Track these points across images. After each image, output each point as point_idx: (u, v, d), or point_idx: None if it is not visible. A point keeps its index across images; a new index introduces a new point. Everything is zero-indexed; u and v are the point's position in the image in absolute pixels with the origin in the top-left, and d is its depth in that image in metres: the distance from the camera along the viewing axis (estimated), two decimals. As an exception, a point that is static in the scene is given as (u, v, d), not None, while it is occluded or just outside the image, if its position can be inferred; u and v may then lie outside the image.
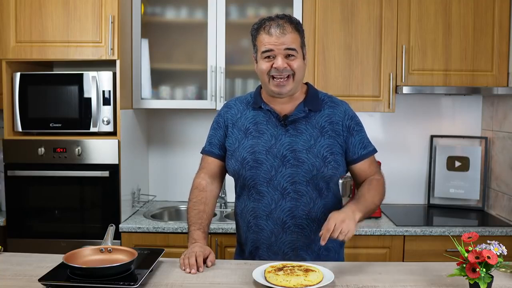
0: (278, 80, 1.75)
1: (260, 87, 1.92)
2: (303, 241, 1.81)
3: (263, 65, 1.76)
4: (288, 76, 1.76)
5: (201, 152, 1.96)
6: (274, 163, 1.79)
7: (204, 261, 1.68)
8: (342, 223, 1.59)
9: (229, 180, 2.00)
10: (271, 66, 1.75)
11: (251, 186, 1.82)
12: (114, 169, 2.72)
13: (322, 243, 1.58)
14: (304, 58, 1.80)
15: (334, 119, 1.84)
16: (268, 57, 1.75)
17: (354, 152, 1.84)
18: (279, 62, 1.73)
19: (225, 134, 1.89)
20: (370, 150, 1.87)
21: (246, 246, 1.90)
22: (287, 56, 1.74)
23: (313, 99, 1.86)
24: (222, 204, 3.14)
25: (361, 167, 1.86)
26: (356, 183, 1.94)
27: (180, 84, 3.05)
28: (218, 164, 1.92)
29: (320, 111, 1.84)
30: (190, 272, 1.63)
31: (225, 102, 1.99)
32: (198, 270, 1.64)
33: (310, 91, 1.88)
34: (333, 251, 1.88)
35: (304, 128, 1.81)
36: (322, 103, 1.87)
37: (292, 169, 1.78)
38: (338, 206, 1.91)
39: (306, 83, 1.91)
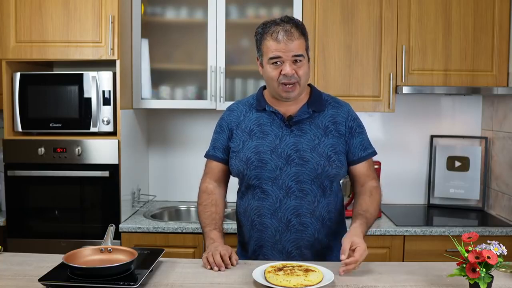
0: (287, 86, 1.78)
1: (262, 89, 1.94)
2: (307, 240, 1.83)
3: (271, 72, 1.79)
4: (294, 83, 1.78)
5: (205, 156, 1.98)
6: (279, 163, 1.80)
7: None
8: (362, 255, 1.64)
9: (229, 181, 2.00)
10: (280, 73, 1.77)
11: (255, 186, 1.84)
12: (114, 169, 2.72)
13: (342, 273, 1.60)
14: (309, 61, 1.83)
15: (338, 119, 1.87)
16: (276, 63, 1.77)
17: (354, 154, 1.87)
18: (287, 69, 1.75)
19: (228, 138, 1.91)
20: (369, 152, 1.91)
21: (249, 245, 1.91)
22: (294, 61, 1.76)
23: (317, 100, 1.89)
24: (222, 204, 3.13)
25: (360, 169, 1.89)
26: (353, 185, 1.96)
27: (180, 84, 3.05)
28: (222, 168, 1.94)
29: (324, 112, 1.87)
30: (219, 270, 1.65)
31: (228, 106, 2.00)
32: (226, 267, 1.67)
33: (314, 92, 1.92)
34: (335, 250, 1.89)
35: (308, 128, 1.84)
36: (326, 103, 1.90)
37: (297, 168, 1.80)
38: (340, 205, 1.94)
39: (309, 85, 1.94)
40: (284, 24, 1.76)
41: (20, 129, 2.76)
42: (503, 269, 1.63)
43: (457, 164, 3.22)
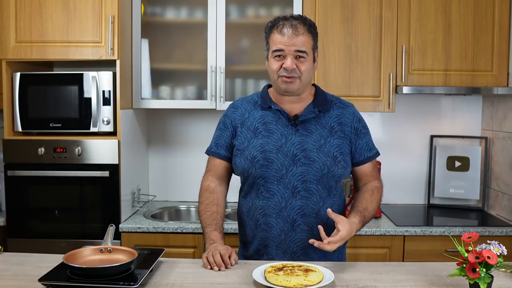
0: (285, 78, 1.78)
1: (267, 87, 1.95)
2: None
3: (273, 65, 1.80)
4: (294, 77, 1.78)
5: (206, 153, 1.97)
6: (285, 162, 1.80)
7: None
8: (343, 240, 1.68)
9: (231, 180, 2.00)
10: (281, 66, 1.77)
11: (260, 185, 1.83)
12: (114, 169, 2.72)
13: (325, 246, 1.65)
14: (314, 61, 1.83)
15: (343, 120, 1.87)
16: (279, 56, 1.78)
17: (361, 154, 1.88)
18: (288, 62, 1.76)
19: (232, 135, 1.90)
20: (374, 153, 1.93)
21: (252, 245, 1.90)
22: (297, 57, 1.77)
23: (322, 100, 1.89)
24: (222, 204, 3.13)
25: (365, 169, 1.90)
26: (356, 185, 1.95)
27: (180, 84, 3.05)
28: (225, 166, 1.93)
29: (329, 112, 1.88)
30: (219, 270, 1.65)
31: (231, 102, 2.00)
32: (226, 267, 1.67)
33: (318, 92, 1.92)
34: (337, 251, 1.89)
35: (314, 128, 1.84)
36: (331, 103, 1.90)
37: (303, 168, 1.80)
38: (342, 205, 1.94)
39: (314, 85, 1.94)
40: (292, 19, 1.78)
41: (20, 129, 2.76)
42: (503, 269, 1.63)
43: (457, 164, 3.22)
